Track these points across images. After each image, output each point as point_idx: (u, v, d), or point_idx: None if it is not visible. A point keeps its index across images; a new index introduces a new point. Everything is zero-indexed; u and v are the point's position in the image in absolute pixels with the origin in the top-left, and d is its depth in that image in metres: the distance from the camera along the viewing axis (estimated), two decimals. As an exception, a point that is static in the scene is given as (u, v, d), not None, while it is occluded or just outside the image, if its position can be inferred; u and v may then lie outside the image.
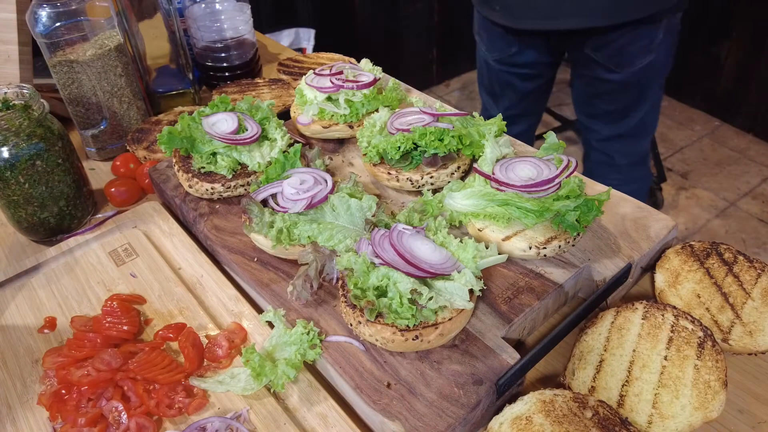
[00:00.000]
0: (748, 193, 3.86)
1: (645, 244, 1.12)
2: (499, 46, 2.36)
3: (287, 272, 1.14)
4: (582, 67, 2.28)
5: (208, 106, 1.38)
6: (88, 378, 1.00)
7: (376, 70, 1.56)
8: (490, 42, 2.40)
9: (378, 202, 1.15)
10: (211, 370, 1.04)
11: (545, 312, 1.08)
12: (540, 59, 2.36)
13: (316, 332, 1.00)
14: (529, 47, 2.30)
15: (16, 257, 1.37)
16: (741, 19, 3.98)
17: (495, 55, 2.41)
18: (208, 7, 1.96)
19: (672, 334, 0.98)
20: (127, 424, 0.95)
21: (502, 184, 1.09)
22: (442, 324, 0.93)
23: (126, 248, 1.31)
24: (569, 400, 0.87)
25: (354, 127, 1.45)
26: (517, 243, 1.06)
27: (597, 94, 2.32)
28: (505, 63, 2.41)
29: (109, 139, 1.66)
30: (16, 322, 1.17)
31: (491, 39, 2.38)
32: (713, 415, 0.89)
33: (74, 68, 1.49)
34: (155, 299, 1.19)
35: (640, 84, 2.21)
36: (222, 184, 1.29)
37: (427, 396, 0.90)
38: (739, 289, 1.08)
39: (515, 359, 0.93)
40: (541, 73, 2.46)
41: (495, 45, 2.38)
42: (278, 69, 1.98)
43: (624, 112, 2.32)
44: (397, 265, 0.95)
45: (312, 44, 3.61)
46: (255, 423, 0.95)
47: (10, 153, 1.23)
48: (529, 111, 2.65)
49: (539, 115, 2.77)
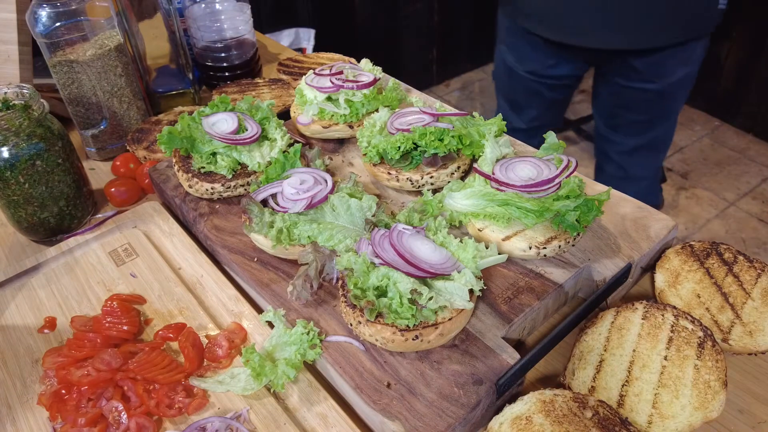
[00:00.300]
0: (748, 193, 3.86)
1: (645, 244, 1.12)
2: (534, 57, 2.29)
3: (287, 272, 1.14)
4: (617, 76, 2.22)
5: (208, 106, 1.38)
6: (88, 378, 1.00)
7: (376, 70, 1.56)
8: (521, 52, 2.32)
9: (378, 202, 1.15)
10: (211, 370, 1.04)
11: (545, 312, 1.08)
12: (576, 72, 2.31)
13: (316, 332, 1.00)
14: (569, 60, 2.24)
15: (16, 257, 1.37)
16: (741, 19, 3.98)
17: (528, 66, 2.33)
18: (208, 7, 1.96)
19: (672, 334, 0.98)
20: (127, 424, 0.95)
21: (502, 184, 1.09)
22: (442, 324, 0.93)
23: (126, 248, 1.31)
24: (569, 400, 0.87)
25: (354, 127, 1.45)
26: (517, 243, 1.06)
27: (626, 104, 2.27)
28: (538, 74, 2.34)
29: (109, 139, 1.66)
30: (16, 322, 1.17)
31: (523, 49, 2.31)
32: (713, 415, 0.89)
33: (74, 68, 1.49)
34: (155, 299, 1.19)
35: (672, 95, 2.19)
36: (222, 184, 1.29)
37: (427, 396, 0.90)
38: (739, 289, 1.08)
39: (515, 359, 0.93)
40: (573, 83, 2.42)
41: (528, 56, 2.31)
42: (278, 69, 1.98)
43: (650, 123, 2.28)
44: (397, 265, 0.95)
45: (312, 44, 3.61)
46: (255, 423, 0.95)
47: (10, 153, 1.23)
48: (552, 121, 2.60)
49: (560, 124, 2.73)
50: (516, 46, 2.35)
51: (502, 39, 2.42)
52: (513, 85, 2.49)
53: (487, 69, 5.39)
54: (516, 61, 2.37)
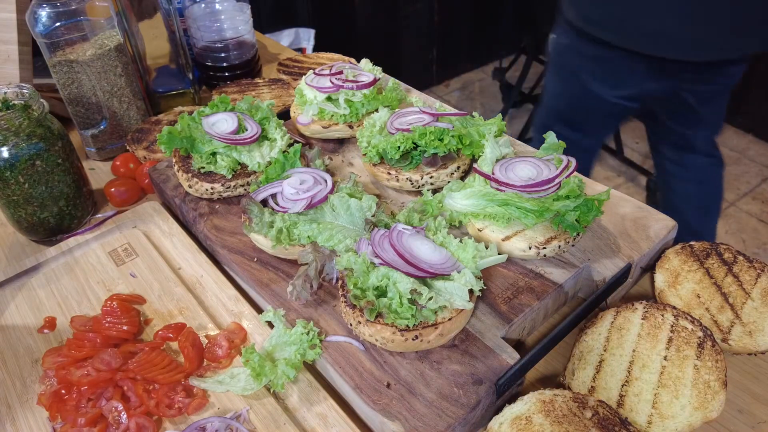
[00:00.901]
0: (748, 194, 3.86)
1: (645, 244, 1.12)
2: (631, 80, 2.08)
3: (287, 272, 1.14)
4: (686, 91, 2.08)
5: (208, 106, 1.38)
6: (88, 378, 1.00)
7: (376, 70, 1.56)
8: (607, 74, 2.10)
9: (378, 202, 1.15)
10: (210, 370, 1.04)
11: (545, 312, 1.08)
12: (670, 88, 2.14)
13: (315, 332, 1.00)
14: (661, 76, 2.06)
15: (16, 257, 1.37)
16: (741, 19, 3.98)
17: (623, 91, 2.12)
18: (208, 7, 1.96)
19: (672, 334, 0.98)
20: (126, 424, 0.95)
21: (502, 184, 1.09)
22: (442, 324, 0.93)
23: (126, 248, 1.31)
24: (569, 400, 0.87)
25: (354, 127, 1.45)
26: (516, 243, 1.06)
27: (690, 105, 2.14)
28: (632, 98, 2.15)
29: (109, 139, 1.66)
30: (15, 322, 1.17)
31: (610, 71, 2.09)
32: (713, 415, 0.89)
33: (74, 68, 1.49)
34: (155, 299, 1.19)
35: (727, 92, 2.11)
36: (222, 184, 1.29)
37: (426, 396, 0.90)
38: (739, 289, 1.08)
39: (515, 359, 0.93)
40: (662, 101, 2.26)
41: (626, 81, 2.09)
42: (278, 69, 1.98)
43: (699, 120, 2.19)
44: (396, 265, 0.95)
45: (312, 44, 3.61)
46: (255, 423, 0.95)
47: (10, 153, 1.23)
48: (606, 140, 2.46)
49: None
50: (598, 70, 2.13)
51: (580, 65, 2.17)
52: (585, 107, 2.26)
53: (486, 69, 5.38)
54: (605, 85, 2.14)
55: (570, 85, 2.28)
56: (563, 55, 2.26)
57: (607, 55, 2.05)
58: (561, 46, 2.24)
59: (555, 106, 2.40)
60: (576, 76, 2.20)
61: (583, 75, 2.18)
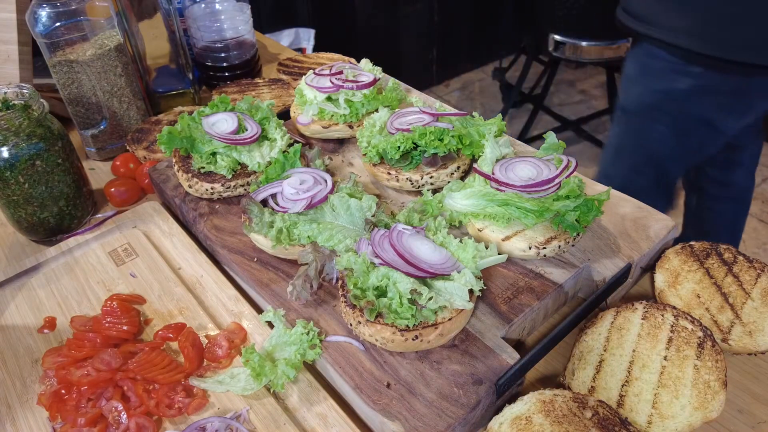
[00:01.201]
0: (748, 193, 3.85)
1: (645, 244, 1.12)
2: (759, 103, 1.89)
3: (287, 272, 1.14)
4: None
5: (208, 106, 1.38)
6: (88, 378, 1.00)
7: (376, 70, 1.56)
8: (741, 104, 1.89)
9: (378, 202, 1.15)
10: (210, 370, 1.04)
11: (545, 312, 1.08)
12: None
13: (315, 332, 1.00)
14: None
15: (16, 257, 1.37)
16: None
17: (745, 120, 1.92)
18: (208, 7, 1.96)
19: (672, 334, 0.98)
20: (126, 424, 0.95)
21: (502, 184, 1.09)
22: (442, 324, 0.93)
23: (126, 248, 1.31)
24: (569, 400, 0.87)
25: (354, 127, 1.45)
26: (516, 243, 1.06)
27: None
28: (747, 124, 1.97)
29: (109, 139, 1.66)
30: (15, 322, 1.17)
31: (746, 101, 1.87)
32: (713, 415, 0.89)
33: (74, 68, 1.49)
34: (155, 299, 1.19)
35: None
36: (222, 184, 1.29)
37: (426, 396, 0.90)
38: (739, 290, 1.08)
39: (515, 359, 0.93)
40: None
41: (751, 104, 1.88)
42: (278, 69, 1.98)
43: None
44: (396, 265, 0.95)
45: (312, 44, 3.61)
46: (255, 423, 0.95)
47: (10, 153, 1.23)
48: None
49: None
50: (746, 101, 1.91)
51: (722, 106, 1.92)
52: (706, 150, 2.07)
53: (486, 69, 5.39)
54: (735, 120, 1.93)
55: (693, 134, 2.00)
56: (687, 103, 1.93)
57: (744, 82, 1.85)
58: (684, 95, 1.91)
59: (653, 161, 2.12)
60: (705, 121, 1.93)
61: (718, 115, 1.92)
